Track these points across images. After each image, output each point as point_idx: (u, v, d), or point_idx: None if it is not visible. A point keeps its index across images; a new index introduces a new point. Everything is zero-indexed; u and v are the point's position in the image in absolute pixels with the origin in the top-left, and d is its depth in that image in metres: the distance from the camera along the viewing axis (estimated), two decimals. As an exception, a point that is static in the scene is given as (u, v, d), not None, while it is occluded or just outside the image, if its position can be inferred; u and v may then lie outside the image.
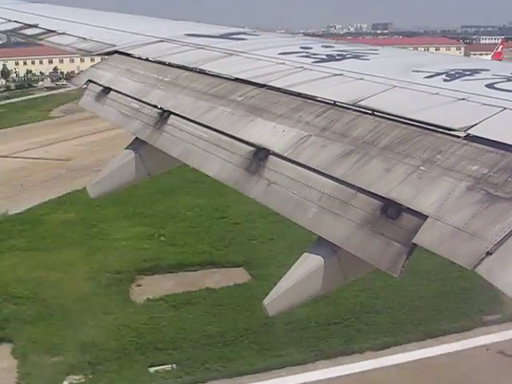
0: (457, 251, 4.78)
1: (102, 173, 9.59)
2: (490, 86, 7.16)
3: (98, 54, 12.30)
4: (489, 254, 4.55)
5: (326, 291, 6.07)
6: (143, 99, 9.60)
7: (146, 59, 11.15)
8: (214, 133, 7.83)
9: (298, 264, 6.05)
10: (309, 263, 5.96)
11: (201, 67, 9.85)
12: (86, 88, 11.08)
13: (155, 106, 9.23)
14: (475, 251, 4.63)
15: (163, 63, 10.65)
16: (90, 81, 11.16)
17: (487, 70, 8.03)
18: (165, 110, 8.95)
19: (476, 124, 5.98)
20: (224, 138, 7.62)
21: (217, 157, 7.48)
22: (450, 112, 6.48)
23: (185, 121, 8.47)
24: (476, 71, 7.94)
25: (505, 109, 6.27)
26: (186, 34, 12.43)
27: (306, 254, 6.03)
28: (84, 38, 13.38)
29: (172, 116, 8.74)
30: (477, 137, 5.77)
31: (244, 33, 12.67)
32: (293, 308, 6.15)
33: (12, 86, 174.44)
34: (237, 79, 9.01)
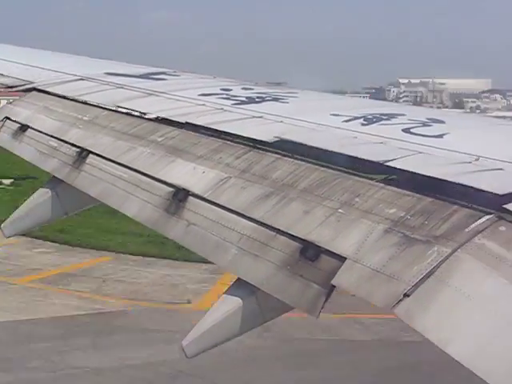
0: (375, 293, 4.84)
1: (17, 212, 9.40)
2: (406, 130, 7.34)
3: (17, 91, 12.12)
4: (406, 295, 4.62)
5: (244, 332, 6.06)
6: (61, 137, 9.47)
7: (65, 97, 11.03)
8: (134, 173, 7.78)
9: (216, 305, 6.04)
10: (227, 305, 5.95)
11: (120, 107, 9.80)
12: (2, 125, 10.89)
13: (74, 145, 9.11)
14: (393, 293, 4.69)
15: (82, 102, 10.56)
16: (6, 118, 10.97)
17: (403, 115, 8.24)
18: (83, 149, 8.85)
19: (393, 160, 6.14)
20: (144, 178, 7.58)
21: (136, 197, 7.44)
22: (368, 156, 6.61)
23: (104, 160, 8.39)
24: (393, 116, 8.12)
25: (420, 153, 6.44)
26: (105, 73, 12.36)
27: (224, 295, 6.02)
28: (1, 74, 13.17)
29: (91, 155, 8.65)
30: (394, 180, 5.90)
31: (164, 73, 12.68)
32: (211, 349, 6.12)
33: None
34: (156, 119, 9.01)
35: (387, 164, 6.07)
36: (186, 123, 8.42)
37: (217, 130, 7.95)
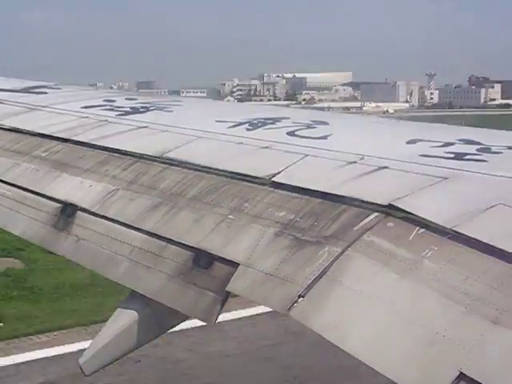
0: (270, 296, 4.87)
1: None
2: (291, 133, 7.42)
3: None
4: (301, 297, 4.67)
5: (143, 344, 5.99)
6: None
7: None
8: (19, 190, 7.60)
9: (111, 320, 5.94)
10: (123, 318, 5.86)
11: (1, 123, 9.54)
12: None
13: None
14: (287, 295, 4.73)
15: None
16: None
17: (287, 118, 8.32)
18: None
19: (280, 172, 6.17)
20: (29, 195, 7.41)
21: (22, 215, 7.26)
22: (254, 160, 6.66)
23: None
24: (277, 120, 8.20)
25: (306, 155, 6.52)
26: None
27: (119, 309, 5.94)
28: None
29: None
30: (281, 184, 5.95)
31: (45, 86, 12.43)
32: (110, 364, 6.02)
33: None
34: (40, 134, 8.81)
35: (273, 180, 6.09)
36: (70, 140, 8.28)
37: (102, 147, 7.84)
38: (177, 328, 6.18)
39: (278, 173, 6.15)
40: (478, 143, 6.81)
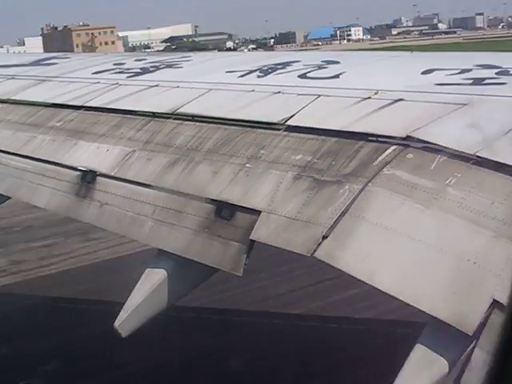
0: (294, 241, 4.83)
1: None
2: (302, 76, 7.33)
3: None
4: (325, 237, 4.63)
5: (174, 302, 5.99)
6: None
7: None
8: (38, 163, 7.59)
9: (142, 280, 5.94)
10: (153, 277, 5.86)
11: (14, 97, 9.53)
12: None
13: None
14: (311, 237, 4.69)
15: None
16: None
17: (298, 62, 8.22)
18: None
19: (294, 115, 6.10)
20: (49, 166, 7.41)
21: (44, 187, 7.27)
22: (267, 106, 6.58)
23: (5, 155, 8.16)
24: (288, 64, 8.11)
25: (319, 96, 6.43)
26: None
27: (147, 269, 5.93)
28: None
29: None
30: (296, 126, 5.88)
31: (55, 57, 12.38)
32: (143, 324, 6.02)
33: None
34: (53, 105, 8.79)
35: (287, 123, 6.02)
36: (82, 107, 8.27)
37: (115, 110, 7.82)
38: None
39: (292, 116, 6.08)
40: (496, 67, 6.67)
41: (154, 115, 7.23)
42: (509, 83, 6.02)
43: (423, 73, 6.77)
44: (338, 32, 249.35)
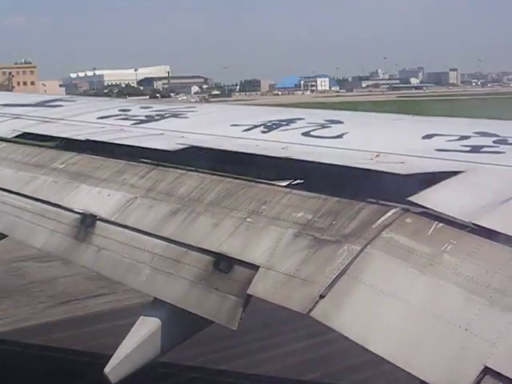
0: (291, 298, 4.87)
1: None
2: (306, 134, 7.43)
3: None
4: (322, 297, 4.67)
5: (166, 351, 6.00)
6: None
7: None
8: (39, 203, 7.64)
9: (135, 328, 5.95)
10: (146, 326, 5.87)
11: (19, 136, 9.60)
12: None
13: None
14: (308, 296, 4.73)
15: None
16: None
17: (302, 119, 8.32)
18: None
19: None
20: (49, 207, 7.45)
21: (43, 228, 7.30)
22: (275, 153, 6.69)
23: (5, 193, 8.21)
24: (292, 121, 8.21)
25: (321, 154, 6.50)
26: (1, 105, 12.10)
27: (141, 317, 5.95)
28: None
29: None
30: (299, 184, 6.00)
31: (60, 99, 12.51)
32: (135, 371, 6.01)
33: None
34: (57, 146, 8.88)
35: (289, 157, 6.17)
36: (87, 140, 8.36)
37: (119, 145, 7.91)
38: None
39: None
40: (495, 135, 6.78)
41: (158, 164, 7.32)
42: (507, 152, 6.12)
43: (424, 137, 6.88)
44: (302, 82, 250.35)
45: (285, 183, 6.15)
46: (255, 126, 8.06)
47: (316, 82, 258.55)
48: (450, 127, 7.56)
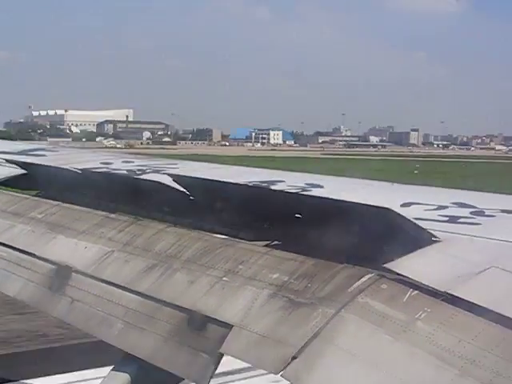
0: (263, 358, 4.87)
1: None
2: None
3: None
4: (294, 358, 4.67)
5: None
6: None
7: None
8: (15, 252, 7.62)
9: (105, 382, 5.92)
10: (116, 380, 5.84)
11: None
12: None
13: None
14: (281, 357, 4.72)
15: None
16: None
17: (283, 182, 8.40)
18: None
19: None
20: (25, 256, 7.43)
21: (18, 276, 7.27)
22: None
23: None
24: (272, 183, 8.27)
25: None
26: None
27: (111, 371, 5.91)
28: None
29: None
30: (277, 245, 6.04)
31: (43, 149, 12.55)
32: None
33: None
34: (36, 195, 8.89)
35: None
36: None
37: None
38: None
39: None
40: (472, 206, 6.87)
41: (137, 219, 7.34)
42: (483, 224, 6.19)
43: (402, 205, 6.95)
44: (253, 134, 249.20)
45: (264, 243, 6.19)
46: None
47: (269, 134, 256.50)
48: (428, 196, 7.64)
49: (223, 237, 6.52)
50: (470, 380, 4.03)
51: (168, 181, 7.41)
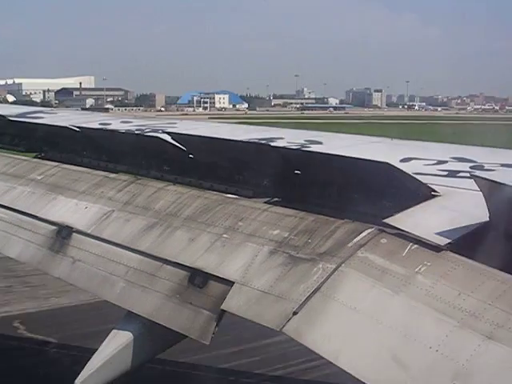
0: (264, 314, 4.88)
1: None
2: None
3: None
4: (295, 313, 4.69)
5: (138, 365, 5.97)
6: None
7: None
8: (15, 213, 7.63)
9: (108, 341, 5.93)
10: (119, 339, 5.86)
11: None
12: None
13: None
14: (282, 312, 4.75)
15: None
16: None
17: (282, 138, 8.37)
18: None
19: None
20: (25, 218, 7.44)
21: (19, 238, 7.28)
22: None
23: None
24: (272, 139, 8.24)
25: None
26: None
27: (114, 330, 5.93)
28: None
29: None
30: (277, 201, 6.03)
31: (41, 111, 12.50)
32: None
33: None
34: (36, 157, 8.88)
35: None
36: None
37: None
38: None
39: None
40: (471, 161, 6.84)
41: (137, 178, 7.35)
42: None
43: (402, 161, 6.93)
44: (195, 98, 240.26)
45: (264, 200, 6.18)
46: None
47: (214, 98, 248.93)
48: (428, 151, 7.62)
49: (223, 194, 6.49)
50: (468, 331, 4.05)
51: (167, 139, 7.39)
